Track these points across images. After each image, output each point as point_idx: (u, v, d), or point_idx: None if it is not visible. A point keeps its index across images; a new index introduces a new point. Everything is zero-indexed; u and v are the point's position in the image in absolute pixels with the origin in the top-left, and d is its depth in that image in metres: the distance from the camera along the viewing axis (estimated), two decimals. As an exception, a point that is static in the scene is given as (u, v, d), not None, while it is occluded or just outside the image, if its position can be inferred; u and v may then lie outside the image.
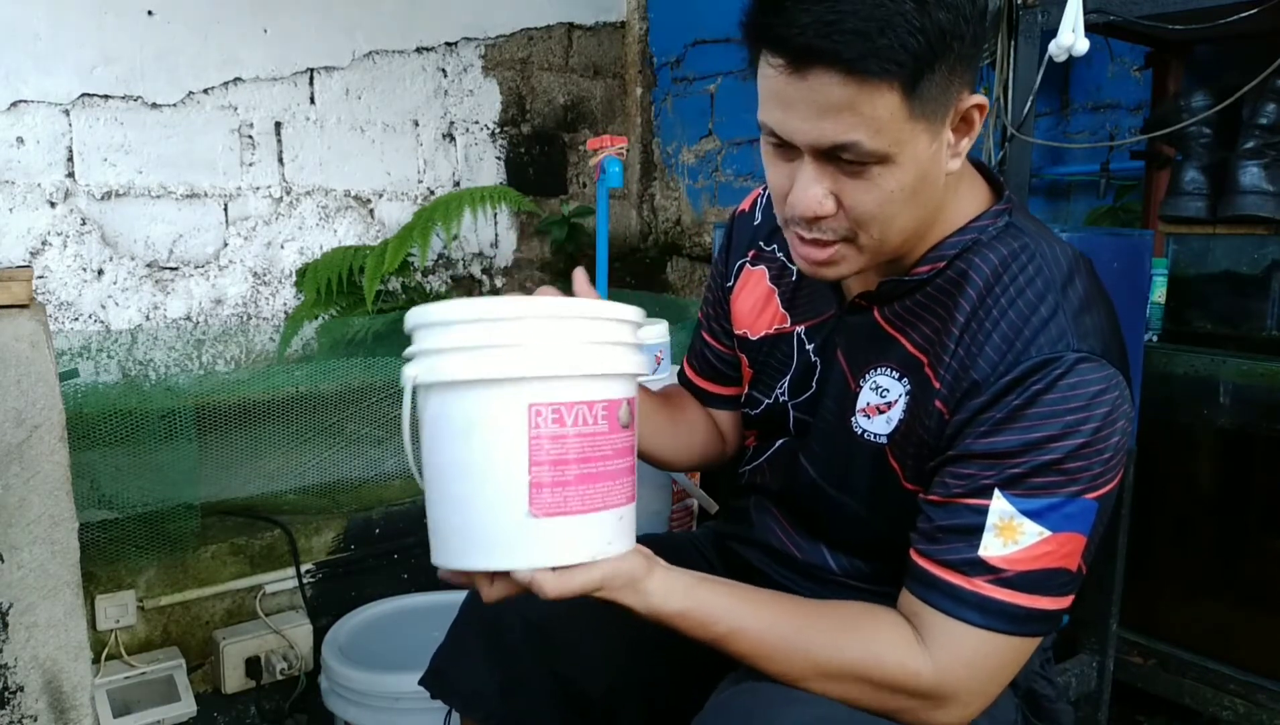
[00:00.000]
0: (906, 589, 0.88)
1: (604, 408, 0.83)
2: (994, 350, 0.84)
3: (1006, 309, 0.86)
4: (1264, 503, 1.70)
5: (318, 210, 2.94)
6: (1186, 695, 1.69)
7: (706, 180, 3.46)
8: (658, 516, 1.79)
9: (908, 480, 0.92)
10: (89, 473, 1.75)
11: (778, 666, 0.86)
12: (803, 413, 1.04)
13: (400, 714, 1.63)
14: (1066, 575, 0.84)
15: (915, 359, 0.92)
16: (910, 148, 0.81)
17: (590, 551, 0.83)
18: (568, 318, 0.81)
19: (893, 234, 0.87)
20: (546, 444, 0.80)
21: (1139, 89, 2.29)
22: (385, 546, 2.07)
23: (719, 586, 0.90)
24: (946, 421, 0.87)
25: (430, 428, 0.84)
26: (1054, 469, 0.81)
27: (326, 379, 2.07)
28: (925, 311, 0.92)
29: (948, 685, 0.84)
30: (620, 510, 0.85)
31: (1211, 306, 1.85)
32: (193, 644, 1.87)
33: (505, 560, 0.82)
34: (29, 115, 2.46)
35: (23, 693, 1.21)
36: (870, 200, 0.83)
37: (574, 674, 1.08)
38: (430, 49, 3.11)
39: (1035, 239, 0.89)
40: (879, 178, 0.82)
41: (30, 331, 1.17)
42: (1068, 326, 0.83)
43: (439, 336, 0.82)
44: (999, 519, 0.82)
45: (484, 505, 0.82)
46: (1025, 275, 0.87)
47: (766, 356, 1.09)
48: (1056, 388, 0.81)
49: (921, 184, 0.84)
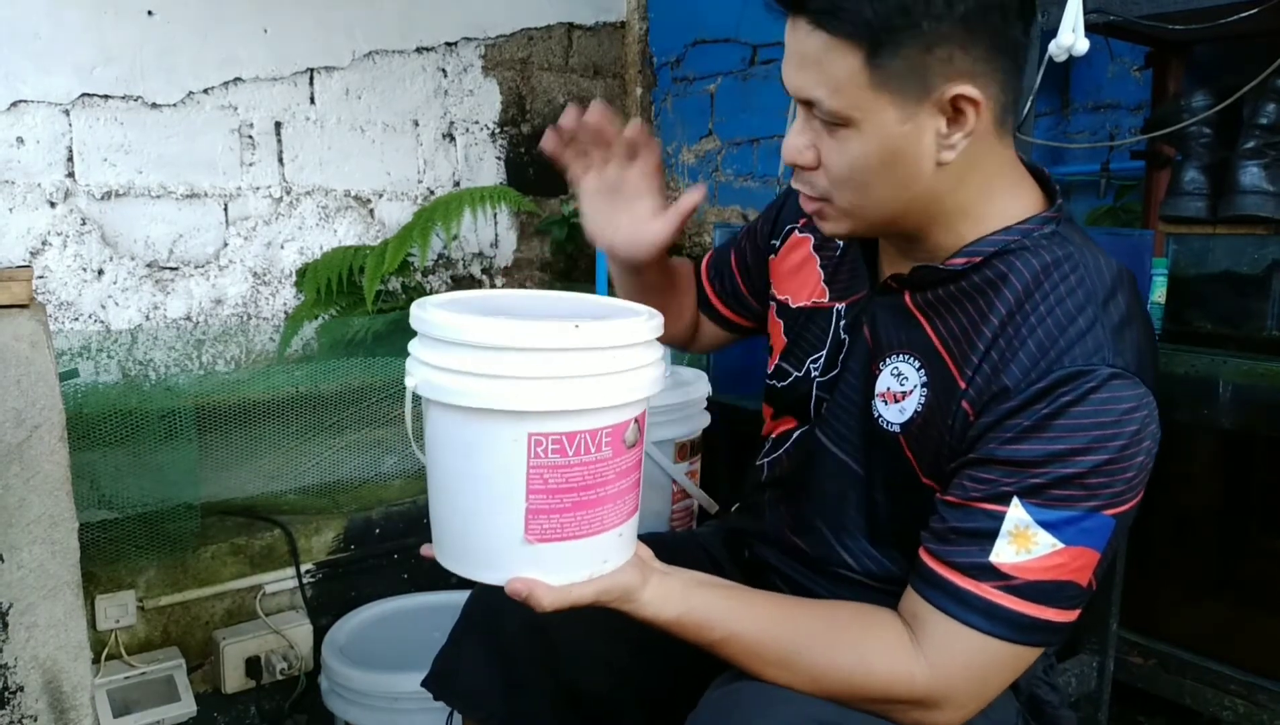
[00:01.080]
0: (911, 587, 0.88)
1: (609, 433, 0.81)
2: (1027, 357, 0.83)
3: (1045, 316, 0.84)
4: (1265, 503, 1.70)
5: (318, 210, 2.94)
6: (1187, 696, 1.68)
7: (707, 180, 3.46)
8: (658, 516, 1.79)
9: (925, 475, 0.91)
10: (89, 473, 1.75)
11: (772, 671, 0.86)
12: (824, 392, 1.03)
13: (400, 714, 1.63)
14: (1076, 589, 0.83)
15: (937, 351, 0.91)
16: (875, 118, 0.83)
17: (587, 571, 0.83)
18: (575, 350, 0.78)
19: (870, 206, 0.88)
20: (546, 473, 0.79)
21: (1139, 89, 2.29)
22: (385, 546, 2.07)
23: (715, 590, 0.90)
24: (971, 423, 0.86)
25: (432, 435, 0.84)
26: (1076, 483, 0.80)
27: (326, 379, 2.07)
28: (956, 305, 0.91)
29: (943, 688, 0.84)
30: (620, 528, 0.85)
31: (1212, 307, 1.84)
32: (193, 644, 1.87)
33: (500, 576, 0.82)
34: (29, 115, 2.46)
35: (23, 693, 1.21)
36: (839, 162, 0.86)
37: (576, 675, 1.08)
38: (430, 49, 3.11)
39: (1080, 250, 0.88)
40: (845, 141, 0.85)
41: (30, 331, 1.17)
42: (1105, 340, 0.82)
43: (442, 354, 0.79)
44: (1014, 527, 0.82)
45: (482, 522, 0.82)
46: (1067, 285, 0.86)
47: (803, 328, 1.09)
48: (1087, 401, 0.80)
49: (894, 160, 0.84)
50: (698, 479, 1.85)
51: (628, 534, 0.87)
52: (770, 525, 1.10)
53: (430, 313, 0.80)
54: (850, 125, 0.84)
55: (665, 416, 1.73)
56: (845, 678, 0.85)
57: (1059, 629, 0.84)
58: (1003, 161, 0.90)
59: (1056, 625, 0.84)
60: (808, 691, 0.85)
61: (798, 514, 1.06)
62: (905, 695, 0.84)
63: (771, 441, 1.13)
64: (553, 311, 0.86)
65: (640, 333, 0.82)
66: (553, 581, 0.82)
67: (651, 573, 0.88)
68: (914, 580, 0.88)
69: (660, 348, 0.87)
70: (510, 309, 0.85)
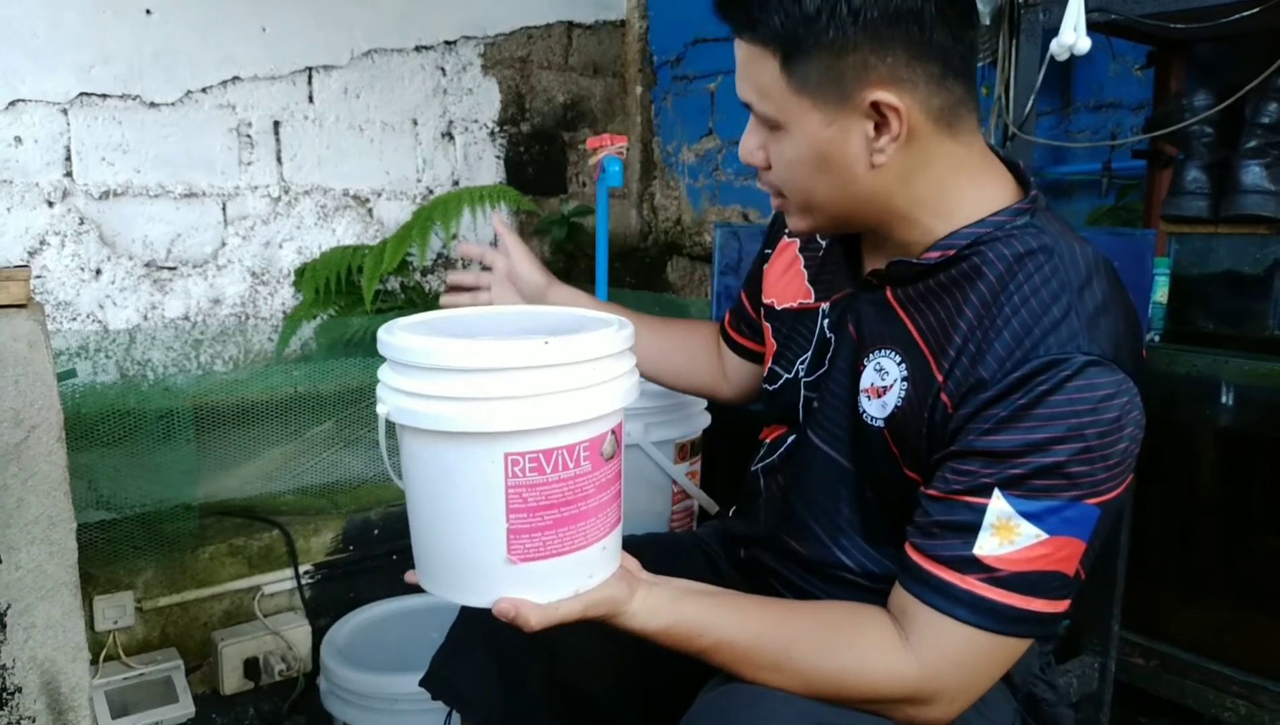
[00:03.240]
0: (899, 583, 0.88)
1: (586, 447, 0.81)
2: (1003, 347, 0.84)
3: (1020, 307, 0.85)
4: (1266, 503, 1.70)
5: (316, 209, 2.94)
6: (1189, 696, 1.68)
7: (707, 179, 3.46)
8: (658, 517, 1.78)
9: (907, 467, 0.92)
10: (87, 473, 1.75)
11: (764, 675, 0.86)
12: (812, 391, 1.04)
13: (399, 715, 1.63)
14: (1062, 579, 0.83)
15: (917, 345, 0.92)
16: (800, 122, 0.87)
17: (572, 587, 0.83)
18: (546, 366, 0.77)
19: (815, 203, 0.92)
20: (525, 492, 0.79)
21: (1141, 88, 2.28)
22: (384, 547, 2.06)
23: (703, 598, 0.90)
24: (950, 415, 0.86)
25: (409, 461, 0.83)
26: (1056, 472, 0.80)
27: (325, 379, 2.06)
28: (934, 299, 0.92)
29: (933, 683, 0.84)
30: (604, 541, 0.85)
31: (1213, 306, 1.84)
32: (191, 645, 1.87)
33: (486, 598, 0.82)
34: (27, 114, 2.46)
35: (21, 694, 1.21)
36: (779, 162, 0.92)
37: (574, 676, 1.08)
38: (429, 48, 3.10)
39: (1056, 239, 0.88)
40: (780, 143, 0.90)
41: (28, 331, 1.17)
42: (1079, 329, 0.82)
43: (413, 379, 0.78)
44: (996, 519, 0.82)
45: (463, 547, 0.81)
46: (1041, 274, 0.86)
47: (790, 330, 1.10)
48: (1063, 389, 0.80)
49: (825, 163, 0.88)
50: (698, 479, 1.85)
51: (612, 547, 0.87)
52: (766, 528, 1.11)
53: (399, 338, 0.79)
54: (781, 128, 0.89)
55: (665, 417, 1.73)
56: (837, 678, 0.85)
57: (1047, 619, 0.84)
58: (959, 159, 0.90)
59: (1044, 616, 0.83)
60: (800, 693, 0.85)
61: (792, 515, 1.06)
62: (897, 692, 0.84)
63: (767, 446, 1.14)
64: (519, 329, 0.86)
65: (611, 344, 0.82)
66: (539, 599, 0.82)
67: (638, 584, 0.89)
68: (900, 576, 0.88)
69: (632, 358, 0.87)
70: (476, 329, 0.85)
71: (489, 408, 0.76)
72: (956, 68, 0.87)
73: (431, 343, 0.77)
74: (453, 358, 0.76)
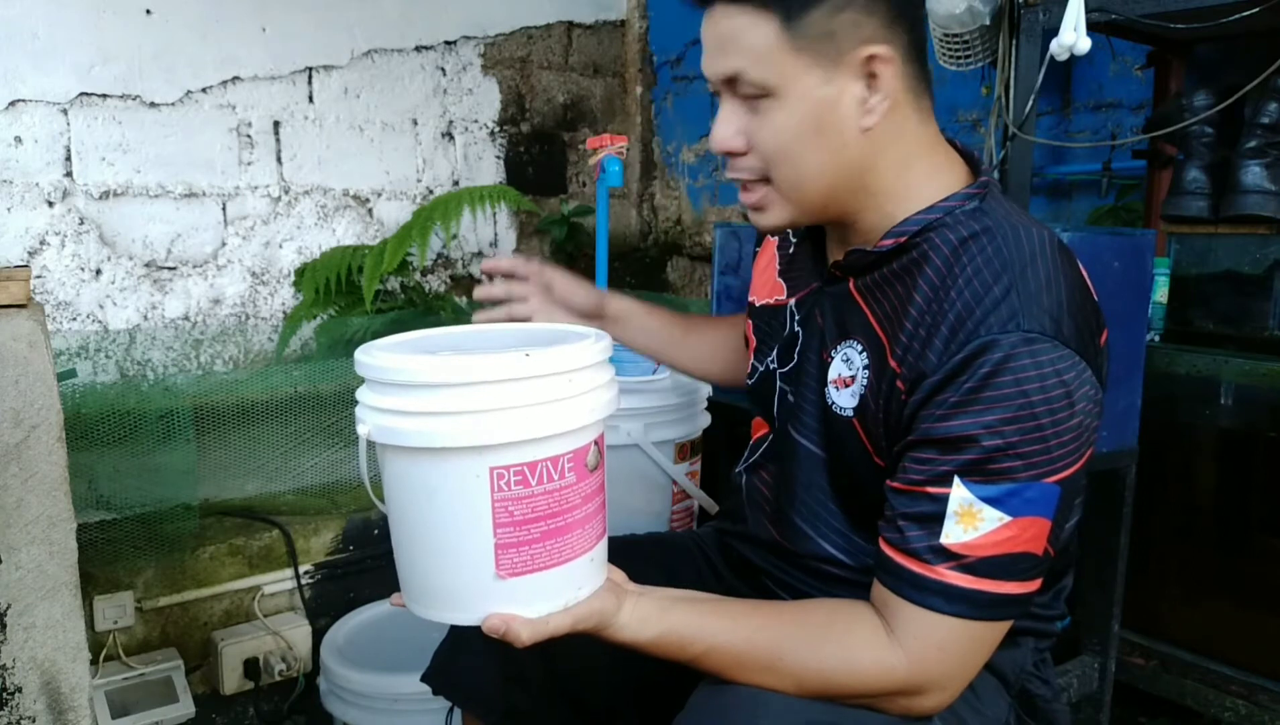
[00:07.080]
0: (876, 578, 0.88)
1: (570, 459, 0.81)
2: (948, 329, 0.84)
3: (964, 289, 0.85)
4: (1266, 503, 1.70)
5: (316, 210, 2.94)
6: (1188, 696, 1.68)
7: (707, 179, 3.46)
8: (658, 517, 1.79)
9: (877, 456, 0.92)
10: (87, 473, 1.75)
11: (757, 678, 0.87)
12: (787, 384, 1.05)
13: (399, 715, 1.63)
14: (1031, 560, 0.84)
15: (876, 333, 0.93)
16: (796, 84, 0.87)
17: (562, 600, 0.83)
18: (528, 378, 0.78)
19: (806, 177, 0.91)
20: (511, 506, 0.79)
21: (1141, 88, 2.28)
22: (384, 547, 2.06)
23: (691, 605, 0.90)
24: (905, 402, 0.87)
25: (391, 483, 0.83)
26: (1011, 453, 0.81)
27: (325, 379, 2.06)
28: (889, 287, 0.92)
29: (922, 674, 0.84)
30: (591, 553, 0.85)
31: (1213, 306, 1.84)
32: (191, 645, 1.87)
33: (475, 616, 0.82)
34: (27, 114, 2.45)
35: (21, 694, 1.21)
36: (768, 135, 0.90)
37: (574, 672, 1.08)
38: (429, 48, 3.10)
39: (1001, 222, 0.89)
40: (771, 112, 0.89)
41: (28, 331, 1.17)
42: (1019, 307, 0.82)
43: (394, 398, 0.78)
44: (959, 506, 0.82)
45: (451, 563, 0.81)
46: (984, 256, 0.86)
47: (766, 325, 1.11)
48: (1007, 369, 0.80)
49: (820, 126, 0.88)
50: (698, 479, 1.85)
51: (599, 558, 0.87)
52: (754, 527, 1.11)
53: (377, 357, 0.80)
54: (774, 95, 0.88)
55: (665, 417, 1.73)
56: (828, 676, 0.86)
57: (1021, 600, 0.85)
58: (922, 138, 0.93)
59: (1018, 597, 0.84)
60: (793, 693, 0.86)
61: (778, 512, 1.07)
62: (888, 686, 0.85)
63: (749, 446, 1.15)
64: (498, 344, 0.86)
65: (590, 356, 0.82)
66: (528, 614, 0.82)
67: (626, 595, 0.89)
68: (877, 570, 0.89)
69: (612, 369, 0.87)
70: (454, 346, 0.85)
71: (474, 421, 0.76)
72: (919, 46, 0.91)
73: (412, 360, 0.77)
74: (435, 373, 0.76)
